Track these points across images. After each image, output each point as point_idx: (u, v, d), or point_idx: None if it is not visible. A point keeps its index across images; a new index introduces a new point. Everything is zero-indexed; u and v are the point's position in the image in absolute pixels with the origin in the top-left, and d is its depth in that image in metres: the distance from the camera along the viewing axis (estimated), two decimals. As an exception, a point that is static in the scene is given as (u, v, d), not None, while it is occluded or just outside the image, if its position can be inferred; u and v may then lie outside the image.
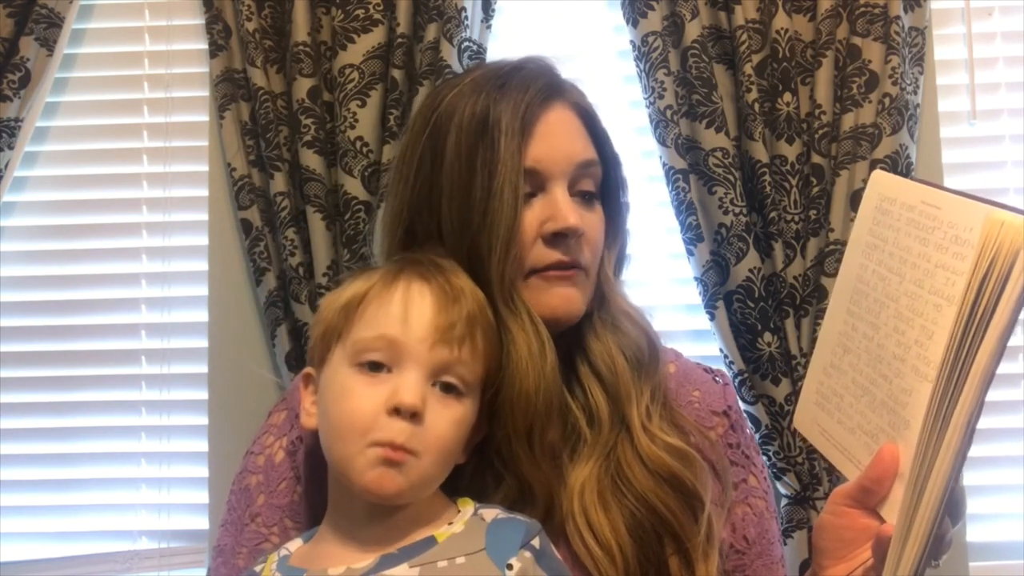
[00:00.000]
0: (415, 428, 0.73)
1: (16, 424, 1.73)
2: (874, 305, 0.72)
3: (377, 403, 0.74)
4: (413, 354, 0.75)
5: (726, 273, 1.58)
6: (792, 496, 1.58)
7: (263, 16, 1.66)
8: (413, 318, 0.76)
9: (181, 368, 1.73)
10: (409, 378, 0.74)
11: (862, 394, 0.73)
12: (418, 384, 0.74)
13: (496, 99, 0.85)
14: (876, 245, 0.73)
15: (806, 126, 1.60)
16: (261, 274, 1.64)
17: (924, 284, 0.66)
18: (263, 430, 0.93)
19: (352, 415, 0.74)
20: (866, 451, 0.71)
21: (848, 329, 0.76)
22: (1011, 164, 1.70)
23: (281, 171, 1.62)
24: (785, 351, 1.57)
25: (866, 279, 0.74)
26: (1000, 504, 1.63)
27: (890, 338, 0.69)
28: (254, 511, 0.88)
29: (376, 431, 0.73)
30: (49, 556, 1.69)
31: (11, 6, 1.66)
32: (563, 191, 0.86)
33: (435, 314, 0.76)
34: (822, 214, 1.59)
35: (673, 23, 1.61)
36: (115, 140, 1.77)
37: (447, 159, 0.85)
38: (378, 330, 0.76)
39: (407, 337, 0.75)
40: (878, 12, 1.60)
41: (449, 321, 0.76)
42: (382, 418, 0.73)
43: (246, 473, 0.91)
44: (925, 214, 0.68)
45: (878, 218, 0.74)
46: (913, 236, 0.68)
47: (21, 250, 1.77)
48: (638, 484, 0.84)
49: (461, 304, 0.78)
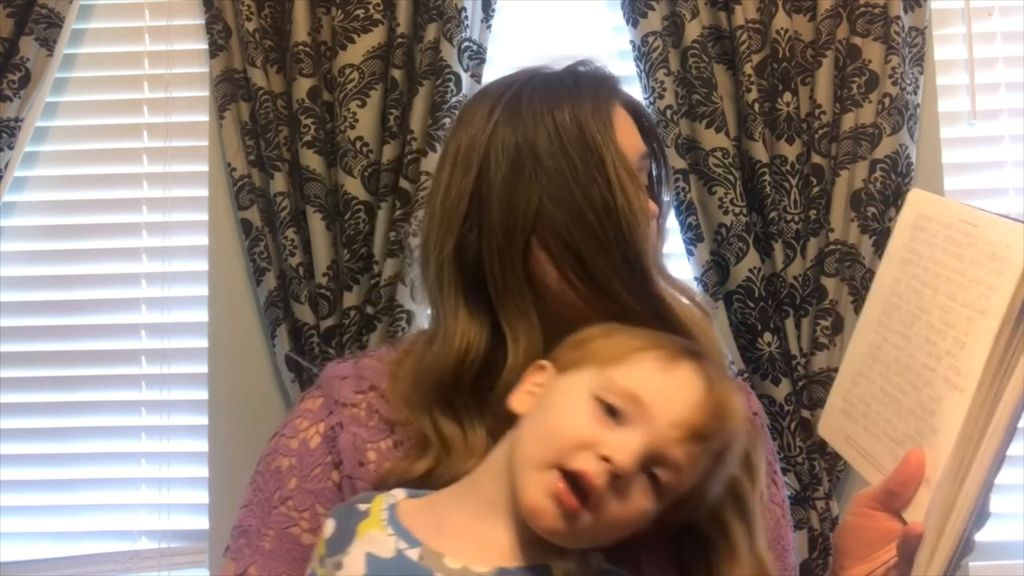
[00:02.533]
0: (606, 489, 0.69)
1: (16, 424, 1.73)
2: (906, 317, 0.74)
3: (593, 437, 0.70)
4: (655, 429, 0.71)
5: (726, 273, 1.58)
6: (792, 496, 1.58)
7: (263, 16, 1.66)
8: (681, 403, 0.72)
9: (181, 368, 1.73)
10: (636, 442, 0.70)
11: (890, 402, 0.74)
12: (639, 454, 0.70)
13: (574, 101, 0.86)
14: (911, 260, 0.76)
15: (806, 126, 1.60)
16: (261, 274, 1.63)
17: (958, 298, 0.68)
18: (296, 414, 0.91)
19: (563, 429, 0.71)
20: (891, 457, 0.72)
21: (879, 340, 0.78)
22: (1011, 164, 1.70)
23: (281, 171, 1.62)
24: (785, 351, 1.57)
25: (899, 292, 0.76)
26: (1000, 504, 1.62)
27: (921, 349, 0.71)
28: (285, 494, 0.87)
29: (574, 458, 0.69)
30: (49, 556, 1.70)
31: (11, 6, 1.66)
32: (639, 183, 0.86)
33: (701, 419, 0.72)
34: (822, 214, 1.59)
35: (673, 23, 1.61)
36: (115, 140, 1.77)
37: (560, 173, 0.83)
38: (637, 390, 0.72)
39: (662, 413, 0.71)
40: (878, 12, 1.60)
41: (707, 434, 0.72)
42: (588, 452, 0.69)
43: (276, 455, 0.89)
44: (961, 231, 0.70)
45: (914, 234, 0.76)
46: (949, 252, 0.71)
47: (21, 250, 1.77)
48: None
49: (727, 429, 0.74)
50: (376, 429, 0.87)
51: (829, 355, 1.57)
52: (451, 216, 0.85)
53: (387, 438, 0.86)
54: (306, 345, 1.60)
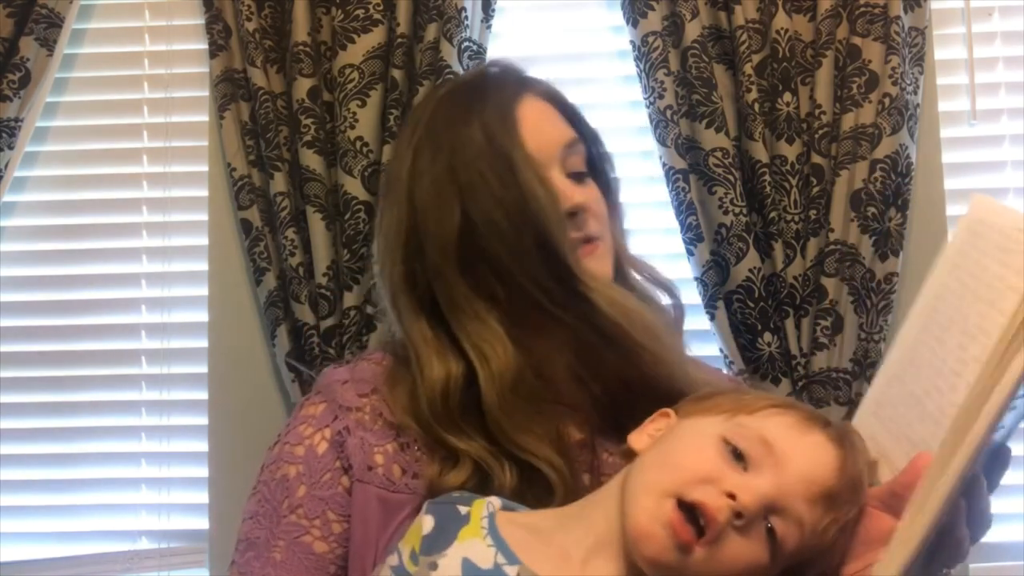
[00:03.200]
0: (725, 527, 0.68)
1: (16, 424, 1.73)
2: (945, 321, 0.74)
3: (717, 474, 0.68)
4: (783, 480, 0.69)
5: (726, 273, 1.58)
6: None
7: (263, 16, 1.66)
8: (814, 462, 0.70)
9: (181, 368, 1.73)
10: (764, 486, 0.68)
11: (915, 404, 0.74)
12: (765, 496, 0.68)
13: (480, 111, 0.87)
14: (959, 264, 0.75)
15: (806, 126, 1.60)
16: (261, 274, 1.63)
17: (996, 304, 0.67)
18: (298, 421, 0.90)
19: (687, 461, 0.70)
20: (905, 459, 0.72)
21: (918, 343, 0.77)
22: (1011, 165, 1.70)
23: (281, 171, 1.62)
24: (785, 351, 1.57)
25: (943, 296, 0.76)
26: (1000, 504, 1.62)
27: (953, 353, 0.70)
28: (294, 502, 0.86)
29: (696, 490, 0.68)
30: (49, 556, 1.69)
31: (11, 6, 1.66)
32: (559, 174, 0.87)
33: (833, 482, 0.70)
34: (822, 214, 1.59)
35: (673, 23, 1.61)
36: (115, 140, 1.77)
37: (473, 186, 0.85)
38: (775, 437, 0.70)
39: (793, 465, 0.70)
40: (878, 12, 1.60)
41: (837, 499, 0.70)
42: (711, 487, 0.68)
43: (281, 463, 0.88)
44: (1014, 239, 0.69)
45: (969, 239, 0.75)
46: (996, 259, 0.69)
47: (21, 250, 1.77)
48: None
49: (856, 502, 0.72)
50: (381, 432, 0.87)
51: (829, 355, 1.57)
52: (393, 245, 0.89)
53: (393, 441, 0.86)
54: (306, 345, 1.60)
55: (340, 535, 0.85)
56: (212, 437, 1.69)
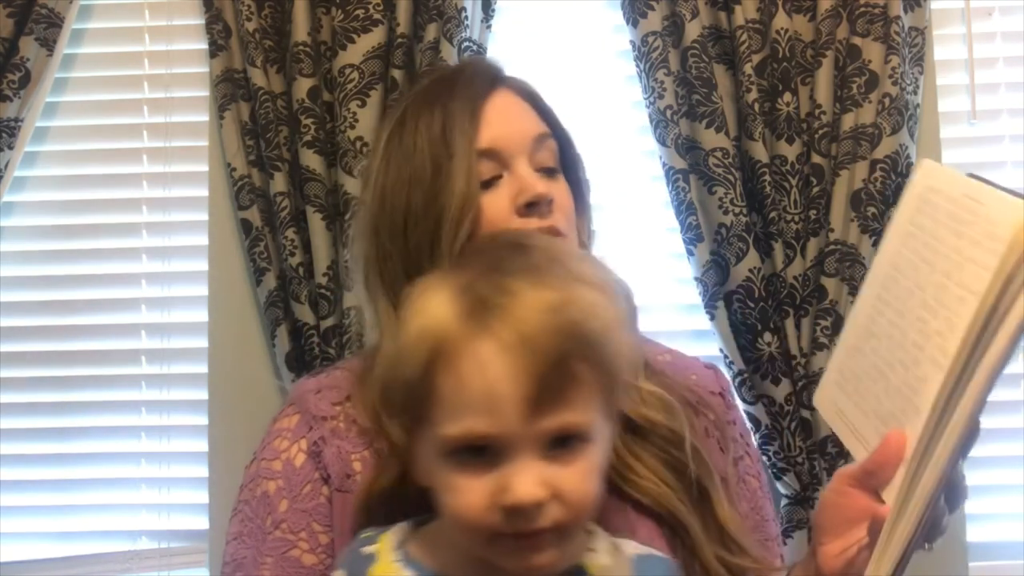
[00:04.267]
0: (545, 508, 0.64)
1: (16, 424, 1.73)
2: (903, 293, 0.73)
3: (488, 499, 0.64)
4: (514, 441, 0.64)
5: (726, 273, 1.58)
6: (792, 496, 1.58)
7: (263, 16, 1.66)
8: (497, 400, 0.64)
9: (181, 368, 1.73)
10: (517, 469, 0.64)
11: (879, 378, 0.74)
12: (530, 471, 0.64)
13: (447, 101, 0.89)
14: (913, 234, 0.74)
15: (806, 126, 1.60)
16: (261, 274, 1.63)
17: (953, 276, 0.66)
18: (273, 435, 0.90)
19: (465, 514, 0.66)
20: (876, 435, 0.72)
21: (875, 314, 0.77)
22: (1011, 164, 1.70)
23: (281, 171, 1.62)
24: (785, 351, 1.57)
25: (899, 266, 0.75)
26: (1000, 504, 1.63)
27: (913, 326, 0.70)
28: (277, 518, 0.86)
29: (500, 526, 0.64)
30: (49, 556, 1.70)
31: (11, 6, 1.66)
32: (525, 165, 0.88)
33: (522, 381, 0.63)
34: (822, 214, 1.59)
35: (673, 23, 1.61)
36: (115, 140, 1.77)
37: (411, 170, 0.88)
38: (461, 425, 0.65)
39: (499, 426, 0.64)
40: (878, 12, 1.60)
41: (540, 381, 0.63)
42: (499, 514, 0.64)
43: (260, 480, 0.88)
44: (965, 207, 0.67)
45: (920, 207, 0.74)
46: (950, 228, 0.68)
47: (21, 250, 1.77)
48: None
49: (543, 348, 0.64)
50: (357, 439, 0.86)
51: (829, 355, 1.55)
52: (361, 228, 0.92)
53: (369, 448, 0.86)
54: (306, 345, 1.60)
55: (328, 545, 0.85)
56: (212, 437, 1.69)
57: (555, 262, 0.70)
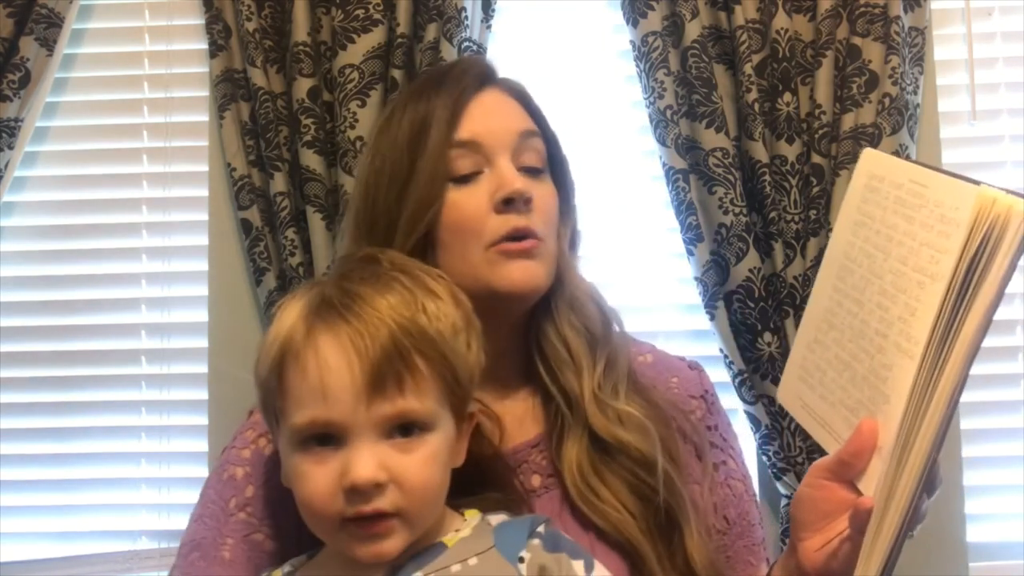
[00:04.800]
0: (385, 491, 0.70)
1: (16, 424, 1.73)
2: (859, 282, 0.73)
3: (332, 482, 0.70)
4: (351, 425, 0.70)
5: (726, 273, 1.58)
6: (792, 496, 1.58)
7: (263, 16, 1.66)
8: (334, 387, 0.70)
9: (181, 368, 1.73)
10: (357, 451, 0.69)
11: (844, 369, 0.74)
12: (369, 453, 0.69)
13: (432, 96, 0.89)
14: (863, 223, 0.74)
15: (806, 126, 1.60)
16: (261, 274, 1.63)
17: (908, 262, 0.67)
18: (245, 427, 0.91)
19: (312, 500, 0.71)
20: (846, 425, 0.72)
21: (833, 305, 0.77)
22: (1011, 164, 1.70)
23: (281, 171, 1.62)
24: (785, 351, 1.57)
25: (853, 256, 0.75)
26: (1000, 504, 1.63)
27: (873, 314, 0.70)
28: (242, 501, 0.86)
29: (341, 510, 0.70)
30: (49, 556, 1.69)
31: (11, 6, 1.66)
32: (507, 161, 0.87)
33: (356, 371, 0.70)
34: (822, 214, 1.59)
35: (673, 23, 1.61)
36: (115, 140, 1.77)
37: (392, 151, 0.88)
38: (305, 413, 0.71)
39: (337, 411, 0.70)
40: (878, 12, 1.60)
41: (374, 370, 0.70)
42: (341, 496, 0.70)
43: (228, 466, 0.89)
44: (912, 192, 0.69)
45: (866, 196, 0.75)
46: (900, 214, 0.69)
47: (21, 250, 1.77)
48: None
49: (378, 340, 0.70)
50: None
51: (829, 355, 1.56)
52: (351, 220, 0.92)
53: None
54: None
55: (291, 534, 0.84)
56: (212, 437, 1.69)
57: (402, 272, 0.77)
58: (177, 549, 0.88)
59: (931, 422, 0.63)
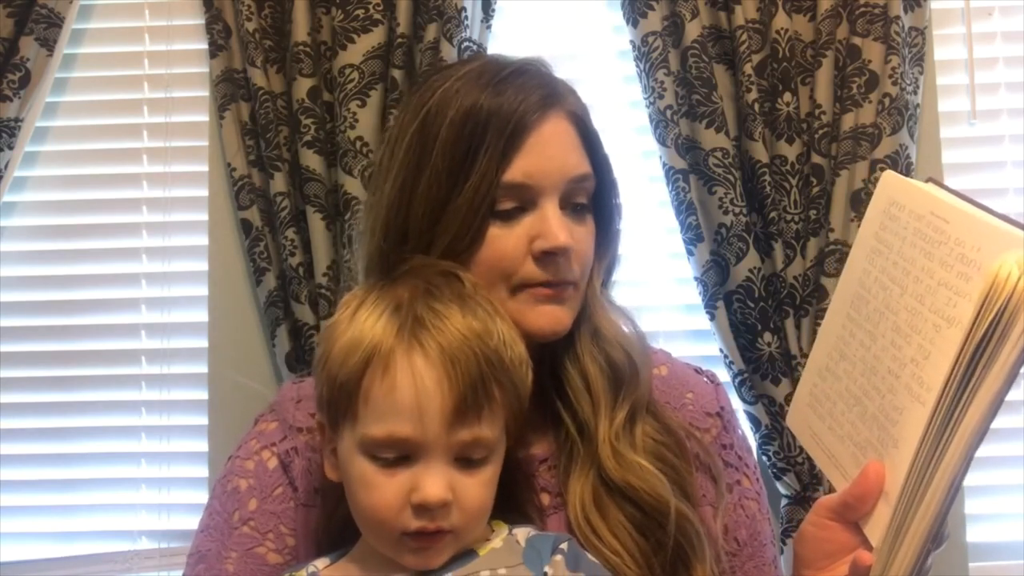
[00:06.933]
0: (449, 511, 0.72)
1: (16, 424, 1.73)
2: (873, 314, 0.71)
3: (401, 496, 0.71)
4: (429, 446, 0.71)
5: (726, 273, 1.58)
6: (792, 496, 1.58)
7: (263, 16, 1.66)
8: (427, 409, 0.71)
9: (181, 368, 1.73)
10: (429, 471, 0.71)
11: (854, 404, 0.72)
12: (442, 475, 0.71)
13: (490, 99, 0.82)
14: (880, 251, 0.72)
15: (806, 126, 1.60)
16: (261, 274, 1.64)
17: (925, 301, 0.64)
18: (250, 436, 0.91)
19: (376, 510, 0.72)
20: (853, 462, 0.70)
21: (846, 334, 0.75)
22: (1011, 164, 1.70)
23: (281, 171, 1.62)
24: (785, 351, 1.57)
25: (868, 285, 0.73)
26: (1000, 504, 1.63)
27: (887, 351, 0.68)
28: (245, 514, 0.86)
29: (406, 524, 0.71)
30: (49, 556, 1.69)
31: (11, 6, 1.66)
32: (554, 207, 0.82)
33: (446, 395, 0.71)
34: (822, 214, 1.59)
35: (673, 23, 1.61)
36: (115, 140, 1.77)
37: (433, 159, 0.82)
38: (388, 428, 0.71)
39: (422, 433, 0.71)
40: (878, 12, 1.60)
41: (462, 397, 0.71)
42: (408, 511, 0.71)
43: (232, 477, 0.88)
44: (933, 226, 0.66)
45: (885, 223, 0.72)
46: (919, 248, 0.66)
47: (21, 250, 1.77)
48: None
49: (468, 368, 0.72)
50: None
51: (829, 355, 1.56)
52: (372, 223, 0.87)
53: None
54: (306, 345, 1.60)
55: (294, 548, 0.85)
56: (212, 437, 1.69)
57: (480, 295, 0.78)
58: (185, 558, 0.89)
59: (942, 478, 0.61)
